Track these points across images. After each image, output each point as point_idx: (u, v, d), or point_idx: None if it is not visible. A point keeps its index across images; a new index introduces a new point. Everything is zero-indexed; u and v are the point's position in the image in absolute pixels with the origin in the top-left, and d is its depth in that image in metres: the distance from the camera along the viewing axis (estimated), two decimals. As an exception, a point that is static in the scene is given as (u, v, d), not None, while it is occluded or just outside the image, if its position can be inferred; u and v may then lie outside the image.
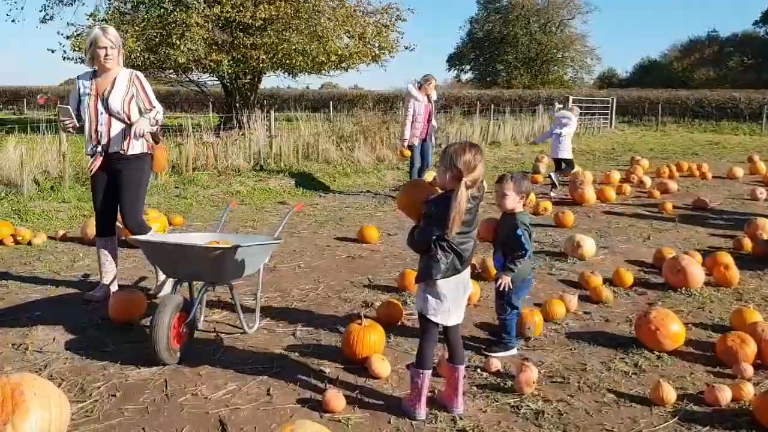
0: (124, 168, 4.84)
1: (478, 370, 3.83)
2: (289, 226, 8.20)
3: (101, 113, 4.74)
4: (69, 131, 4.95)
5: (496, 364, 3.85)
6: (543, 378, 3.74)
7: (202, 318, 4.52)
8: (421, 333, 3.32)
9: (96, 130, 4.76)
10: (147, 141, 4.86)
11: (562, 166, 11.16)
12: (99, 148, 4.77)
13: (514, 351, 4.14)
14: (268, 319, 4.68)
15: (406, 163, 11.67)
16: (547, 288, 5.50)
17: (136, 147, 4.87)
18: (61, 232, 7.27)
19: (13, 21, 22.50)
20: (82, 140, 11.76)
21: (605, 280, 5.55)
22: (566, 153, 11.02)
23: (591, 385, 3.66)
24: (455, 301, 3.24)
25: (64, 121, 4.76)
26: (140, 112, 4.86)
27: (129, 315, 4.47)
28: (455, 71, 62.68)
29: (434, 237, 3.10)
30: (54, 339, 4.24)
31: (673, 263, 5.60)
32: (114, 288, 5.13)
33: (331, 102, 33.58)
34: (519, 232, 3.97)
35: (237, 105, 21.77)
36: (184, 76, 22.99)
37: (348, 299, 5.18)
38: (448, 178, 3.10)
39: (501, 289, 3.99)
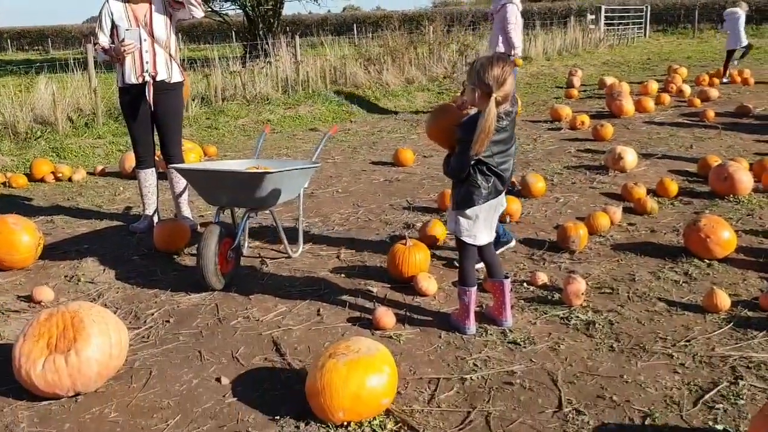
0: (167, 96, 4.80)
1: (525, 284, 3.82)
2: (323, 152, 8.13)
3: (144, 40, 4.65)
4: (113, 61, 4.76)
5: (542, 278, 3.83)
6: (591, 290, 3.71)
7: (246, 244, 4.56)
8: (458, 252, 3.29)
9: (141, 58, 4.68)
10: (195, 2, 4.64)
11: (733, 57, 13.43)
12: (147, 77, 4.70)
13: (513, 243, 4.30)
14: (311, 243, 4.70)
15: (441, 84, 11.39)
16: (589, 201, 5.41)
17: (176, 74, 4.82)
18: (99, 168, 7.34)
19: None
20: (111, 77, 11.71)
21: (649, 191, 5.44)
22: (744, 41, 13.59)
23: (641, 295, 3.62)
24: (486, 220, 3.17)
25: (129, 44, 4.56)
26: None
27: (174, 244, 4.53)
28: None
29: (472, 162, 3.01)
30: (104, 270, 4.32)
31: (720, 170, 5.44)
32: (156, 219, 5.19)
33: (354, 25, 32.89)
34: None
35: (261, 33, 21.42)
36: (205, 6, 22.60)
37: (389, 222, 5.17)
38: (478, 96, 2.95)
39: None
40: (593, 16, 23.65)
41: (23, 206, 6.06)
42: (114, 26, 4.71)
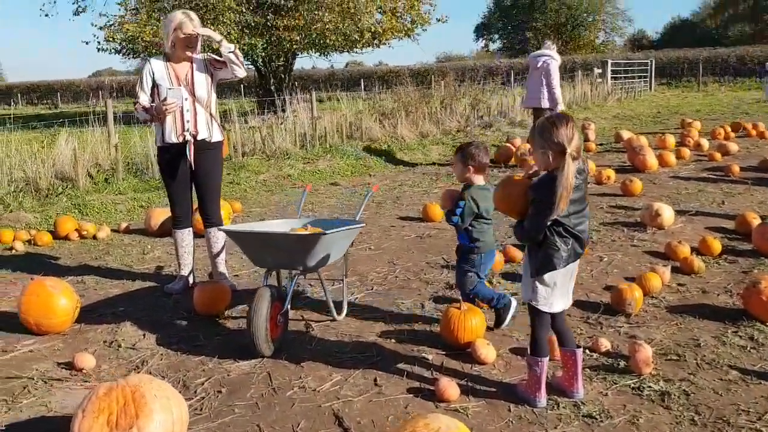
0: (207, 156, 4.75)
1: (587, 351, 3.67)
2: (348, 207, 8.09)
3: (186, 99, 4.62)
4: (152, 120, 4.73)
5: (605, 344, 3.69)
6: (657, 356, 3.56)
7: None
8: (531, 321, 3.16)
9: (182, 117, 4.64)
10: (237, 62, 4.65)
11: None
12: (188, 136, 4.66)
13: (514, 303, 4.05)
14: (353, 305, 4.58)
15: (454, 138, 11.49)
16: (634, 260, 5.30)
17: (217, 134, 4.78)
18: (123, 225, 7.25)
19: (46, 15, 22.57)
20: (129, 132, 11.74)
21: (692, 250, 5.33)
22: None
23: (710, 362, 3.48)
24: (563, 286, 3.07)
25: (171, 103, 4.53)
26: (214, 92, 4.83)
27: (215, 307, 4.40)
28: (483, 41, 61.81)
29: (548, 223, 2.92)
30: (144, 335, 4.18)
31: (763, 230, 5.35)
32: (192, 279, 5.07)
33: (362, 80, 33.38)
34: (461, 204, 3.82)
35: (272, 88, 21.70)
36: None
37: (429, 281, 5.05)
38: (551, 157, 2.89)
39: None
40: (600, 71, 23.97)
41: (51, 265, 5.95)
42: (155, 85, 4.70)
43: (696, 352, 3.61)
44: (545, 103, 10.07)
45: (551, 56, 9.99)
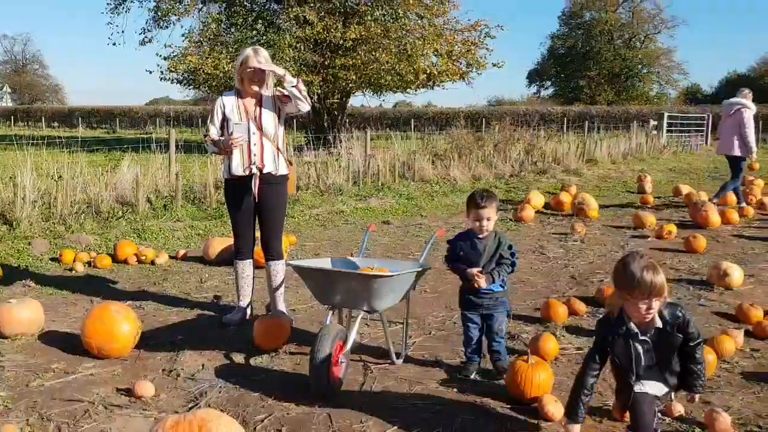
0: (272, 189, 4.78)
1: (659, 414, 3.50)
2: (401, 246, 8.05)
3: (253, 133, 4.68)
4: (220, 153, 4.83)
5: (678, 409, 3.51)
6: (734, 425, 3.38)
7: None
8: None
9: (249, 151, 4.69)
10: (300, 96, 4.68)
11: None
12: (254, 169, 4.70)
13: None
14: (411, 349, 4.49)
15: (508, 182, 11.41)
16: (702, 321, 5.09)
17: (283, 167, 4.81)
18: (181, 252, 7.33)
19: (114, 44, 23.41)
20: (189, 160, 11.98)
21: (765, 313, 5.10)
22: None
23: (794, 437, 3.28)
24: None
25: (238, 138, 4.62)
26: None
27: (275, 342, 4.37)
28: (535, 87, 61.92)
29: None
30: (203, 365, 4.16)
31: (842, 296, 5.10)
32: (249, 311, 5.06)
33: (412, 120, 33.62)
34: (513, 249, 3.92)
35: (325, 124, 22.00)
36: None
37: (488, 329, 4.92)
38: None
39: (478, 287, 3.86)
40: (656, 122, 23.68)
41: (109, 289, 6.03)
42: (225, 119, 4.77)
43: (778, 424, 3.42)
44: (737, 152, 10.31)
45: (745, 105, 10.11)
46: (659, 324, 2.87)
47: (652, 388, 2.94)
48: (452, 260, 4.06)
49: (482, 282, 3.82)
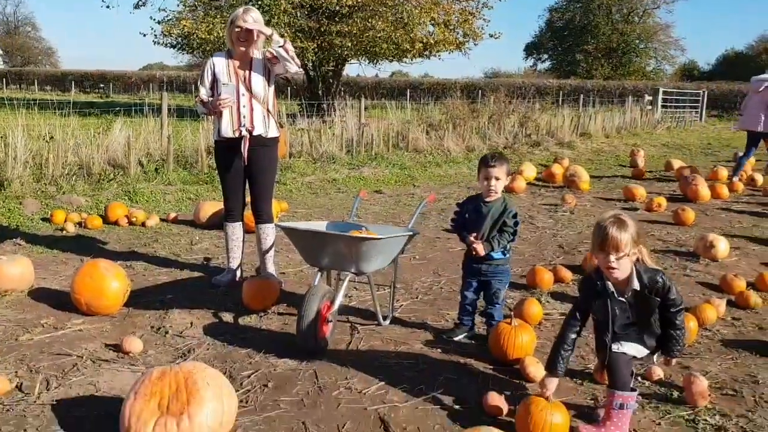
0: (263, 151, 4.78)
1: (639, 378, 3.58)
2: (392, 215, 8.08)
3: (243, 95, 4.66)
4: (210, 114, 4.80)
5: (657, 372, 3.59)
6: (711, 390, 3.45)
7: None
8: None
9: (239, 112, 4.68)
10: (288, 57, 4.61)
11: None
12: (244, 131, 4.70)
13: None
14: (397, 312, 4.55)
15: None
16: (686, 291, 5.16)
17: (273, 130, 4.81)
18: (172, 215, 7.34)
19: (108, 7, 23.06)
20: (180, 125, 11.92)
21: (748, 284, 5.18)
22: None
23: (769, 401, 3.36)
24: None
25: (226, 99, 4.58)
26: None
27: (263, 302, 4.41)
28: (532, 60, 61.58)
29: None
30: (191, 324, 4.21)
31: (825, 269, 5.17)
32: (239, 273, 5.10)
33: (408, 90, 33.43)
34: (517, 218, 3.89)
35: (319, 92, 21.87)
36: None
37: (475, 294, 4.98)
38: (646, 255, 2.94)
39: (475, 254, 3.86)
40: (651, 98, 23.64)
41: (100, 249, 6.05)
42: (215, 80, 4.75)
43: (754, 389, 3.49)
44: (762, 128, 10.38)
45: None
46: (636, 286, 2.92)
47: (630, 349, 3.00)
48: (458, 223, 4.05)
49: (480, 249, 3.85)
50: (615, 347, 2.97)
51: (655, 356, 3.20)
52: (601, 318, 3.00)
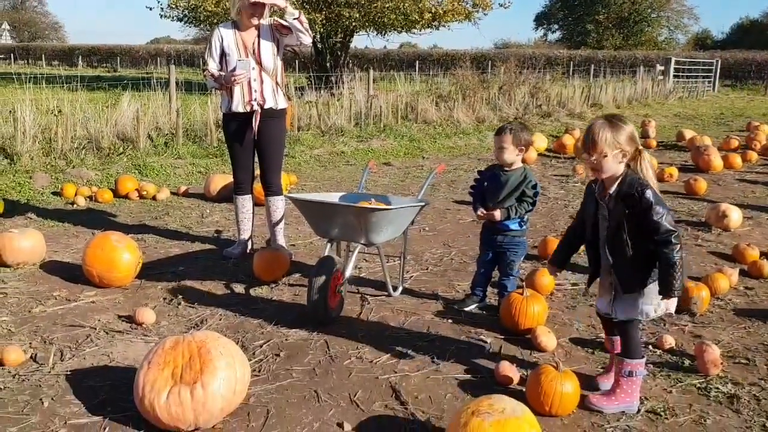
0: (272, 124, 4.75)
1: (650, 346, 3.57)
2: (401, 187, 8.05)
3: (253, 68, 4.62)
4: (220, 88, 4.75)
5: (669, 341, 3.58)
6: (723, 358, 3.44)
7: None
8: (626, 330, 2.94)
9: (250, 87, 4.64)
10: (302, 28, 4.58)
11: None
12: (255, 105, 4.66)
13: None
14: (408, 283, 4.55)
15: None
16: (698, 260, 5.14)
17: (282, 101, 4.78)
18: (182, 188, 7.35)
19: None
20: (189, 98, 11.88)
21: (761, 254, 5.14)
22: None
23: (781, 369, 3.35)
24: None
25: (240, 74, 4.53)
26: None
27: (274, 273, 4.43)
28: (542, 30, 60.86)
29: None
30: (203, 295, 4.23)
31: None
32: (250, 245, 5.11)
33: (417, 62, 33.12)
34: (537, 188, 3.86)
35: (327, 65, 21.70)
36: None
37: (485, 265, 4.98)
38: (629, 157, 2.77)
39: (492, 220, 3.85)
40: (662, 68, 23.32)
41: (111, 222, 6.07)
42: (223, 53, 4.70)
43: (767, 357, 3.48)
44: None
45: None
46: (613, 191, 2.79)
47: (626, 312, 2.89)
48: (477, 191, 4.00)
49: (497, 214, 3.81)
50: (617, 316, 2.91)
51: (661, 305, 2.96)
52: (588, 222, 2.97)
